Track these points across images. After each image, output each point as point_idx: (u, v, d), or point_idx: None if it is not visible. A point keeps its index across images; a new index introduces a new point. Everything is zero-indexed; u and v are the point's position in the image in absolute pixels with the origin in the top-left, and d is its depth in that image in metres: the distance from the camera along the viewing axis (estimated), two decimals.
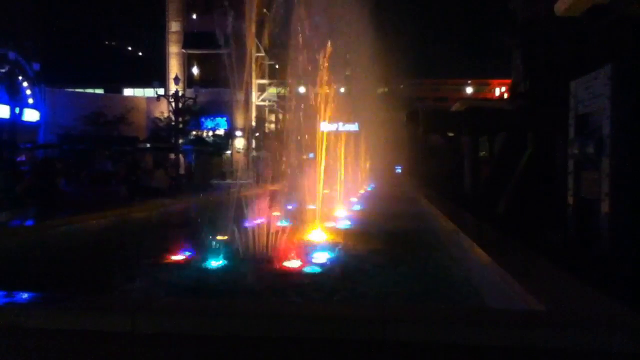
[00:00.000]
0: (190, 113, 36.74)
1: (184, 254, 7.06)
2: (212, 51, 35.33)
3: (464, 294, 5.31)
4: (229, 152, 40.96)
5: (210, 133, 41.88)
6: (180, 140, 33.62)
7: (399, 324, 3.37)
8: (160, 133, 38.23)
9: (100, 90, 48.33)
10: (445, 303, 5.06)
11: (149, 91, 41.20)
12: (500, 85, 48.05)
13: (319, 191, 10.23)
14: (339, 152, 15.22)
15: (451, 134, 23.66)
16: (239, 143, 40.23)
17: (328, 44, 10.97)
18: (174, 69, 42.37)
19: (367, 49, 25.68)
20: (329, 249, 7.60)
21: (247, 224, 7.58)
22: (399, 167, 34.82)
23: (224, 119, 41.69)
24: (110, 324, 3.50)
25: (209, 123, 41.22)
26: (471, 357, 3.13)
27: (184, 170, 31.45)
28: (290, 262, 6.59)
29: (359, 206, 15.36)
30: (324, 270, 6.43)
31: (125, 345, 3.32)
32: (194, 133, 40.12)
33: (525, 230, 8.84)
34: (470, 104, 24.57)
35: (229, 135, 41.51)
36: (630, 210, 7.50)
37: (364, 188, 23.33)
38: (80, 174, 29.53)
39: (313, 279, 5.98)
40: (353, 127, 19.25)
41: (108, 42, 58.57)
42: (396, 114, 30.42)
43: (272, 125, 40.42)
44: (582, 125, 8.74)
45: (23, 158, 27.81)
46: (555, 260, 4.95)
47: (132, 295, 5.30)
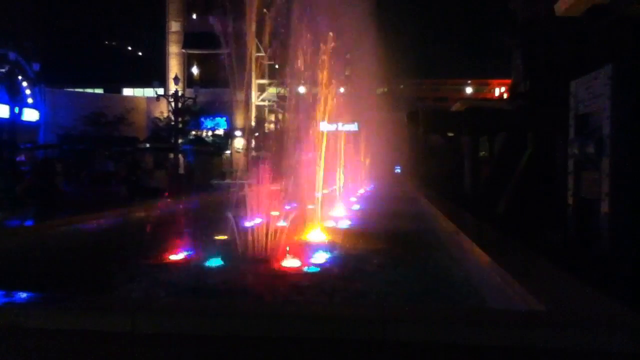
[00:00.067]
0: (190, 113, 36.76)
1: (184, 254, 7.06)
2: (212, 51, 35.41)
3: (464, 294, 5.31)
4: (228, 152, 40.97)
5: (209, 133, 41.88)
6: (180, 140, 33.62)
7: (399, 324, 3.36)
8: (160, 133, 38.24)
9: (100, 90, 48.36)
10: (445, 303, 5.06)
11: (149, 91, 41.21)
12: (500, 86, 48.04)
13: (319, 191, 10.23)
14: (338, 152, 15.22)
15: (451, 134, 23.67)
16: (239, 143, 40.23)
17: (328, 44, 10.98)
18: (174, 69, 42.38)
19: (367, 49, 25.70)
20: (329, 249, 7.60)
21: (247, 224, 7.58)
22: (399, 167, 34.82)
23: (224, 119, 41.69)
24: (110, 324, 3.50)
25: (209, 123, 41.23)
26: (471, 357, 3.13)
27: (183, 170, 31.44)
28: (289, 262, 6.58)
29: (358, 206, 15.37)
30: (324, 270, 6.43)
31: (125, 345, 3.32)
32: (193, 133, 40.12)
33: (525, 230, 8.85)
34: (470, 104, 24.58)
35: (229, 135, 41.53)
36: (630, 210, 7.50)
37: (364, 188, 23.33)
38: (80, 174, 29.57)
39: (312, 279, 5.98)
40: (352, 127, 19.26)
41: (108, 42, 58.59)
42: (396, 114, 30.44)
43: (272, 125, 40.42)
44: (582, 125, 8.75)
45: (23, 158, 27.82)
46: (555, 260, 4.95)
47: (132, 295, 5.30)
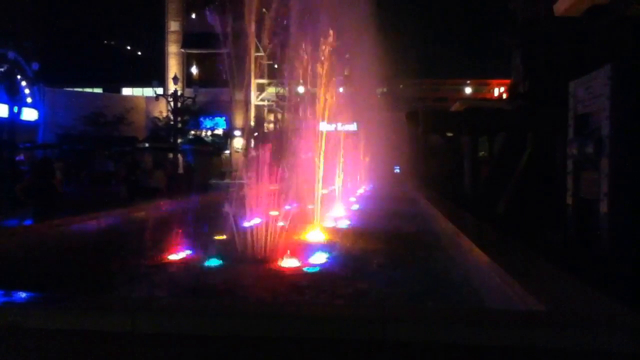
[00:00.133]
0: (189, 113, 36.75)
1: (183, 254, 7.06)
2: (211, 51, 35.44)
3: (464, 295, 5.30)
4: (227, 152, 40.96)
5: (209, 133, 41.87)
6: (179, 140, 33.61)
7: (399, 324, 3.36)
8: (160, 133, 38.23)
9: (99, 90, 48.32)
10: (445, 303, 5.06)
11: (148, 91, 41.19)
12: (499, 86, 48.06)
13: (318, 191, 10.23)
14: (338, 152, 15.21)
15: (451, 134, 23.69)
16: (238, 143, 40.22)
17: (327, 43, 10.97)
18: (173, 68, 42.34)
19: (367, 49, 25.70)
20: (328, 249, 7.60)
21: (246, 224, 7.57)
22: (398, 167, 34.82)
23: (223, 118, 41.69)
24: (110, 324, 3.49)
25: (208, 123, 41.23)
26: (471, 357, 3.13)
27: (183, 170, 31.44)
28: (289, 262, 6.58)
29: (358, 206, 15.36)
30: (323, 270, 6.43)
31: (125, 345, 3.32)
32: (193, 133, 40.11)
33: (525, 230, 8.86)
34: (469, 104, 24.63)
35: (228, 135, 41.52)
36: (630, 210, 7.51)
37: (364, 188, 23.32)
38: (80, 174, 29.56)
39: (312, 279, 5.98)
40: (352, 127, 19.27)
41: (107, 42, 58.56)
42: (396, 114, 30.44)
43: (271, 125, 40.43)
44: (582, 125, 8.76)
45: (22, 158, 27.81)
46: (555, 260, 4.95)
47: (132, 295, 5.30)
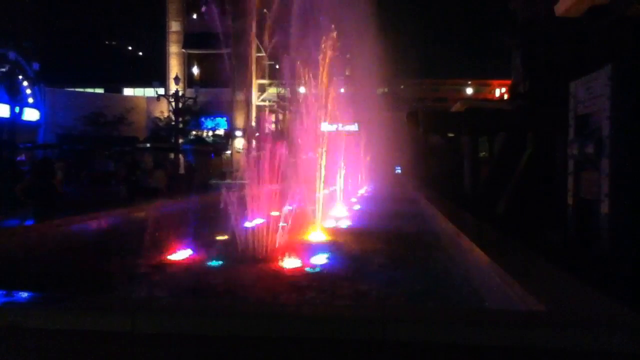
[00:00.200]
0: (190, 113, 36.77)
1: (184, 254, 7.06)
2: (213, 51, 35.50)
3: (464, 295, 5.30)
4: (229, 152, 40.97)
5: (210, 133, 41.88)
6: (180, 140, 33.62)
7: (399, 324, 3.36)
8: (160, 133, 38.25)
9: (100, 90, 48.35)
10: (445, 303, 5.06)
11: (149, 91, 41.20)
12: (500, 86, 48.08)
13: (319, 191, 10.24)
14: (339, 153, 15.21)
15: (451, 135, 23.69)
16: (239, 143, 40.23)
17: (328, 44, 10.99)
18: (174, 68, 42.37)
19: (368, 49, 25.71)
20: (329, 249, 7.60)
21: (247, 224, 7.58)
22: (399, 168, 34.80)
23: (224, 119, 41.71)
24: (110, 324, 3.49)
25: (209, 123, 41.25)
26: (471, 357, 3.13)
27: (183, 170, 31.45)
28: (290, 262, 6.58)
29: (359, 206, 15.36)
30: (324, 270, 6.44)
31: (125, 345, 3.32)
32: (194, 133, 40.13)
33: (525, 230, 8.85)
34: (470, 104, 24.61)
35: (229, 135, 41.53)
36: (630, 210, 7.51)
37: (364, 188, 23.33)
38: (80, 174, 29.59)
39: (313, 279, 5.98)
40: (353, 128, 19.28)
41: (108, 42, 58.62)
42: (396, 114, 30.46)
43: (272, 126, 40.42)
44: (582, 125, 8.75)
45: (23, 158, 27.84)
46: (555, 260, 4.95)
47: (132, 295, 5.30)
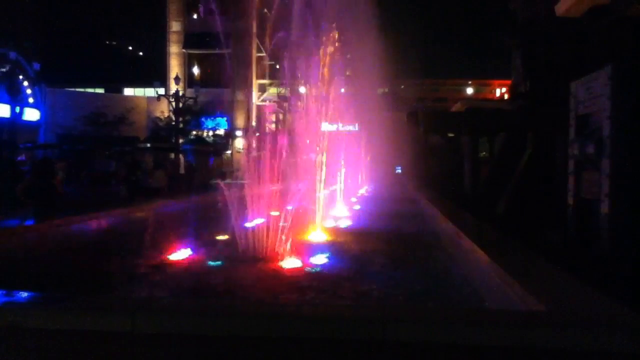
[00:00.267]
0: (190, 113, 36.76)
1: (184, 254, 7.06)
2: (213, 51, 35.46)
3: (464, 295, 5.30)
4: (229, 152, 40.96)
5: (210, 133, 41.88)
6: (181, 140, 33.61)
7: (399, 324, 3.36)
8: (161, 133, 38.24)
9: (100, 90, 48.34)
10: (445, 303, 5.06)
11: (150, 91, 41.19)
12: (500, 86, 48.03)
13: (319, 191, 10.23)
14: (339, 153, 15.22)
15: (451, 135, 23.70)
16: (239, 143, 40.23)
17: (329, 45, 10.99)
18: (175, 68, 42.36)
19: (368, 49, 25.70)
20: (329, 249, 7.60)
21: (247, 224, 7.58)
22: (399, 168, 34.80)
23: (224, 119, 41.69)
24: (110, 324, 3.49)
25: (210, 123, 41.22)
26: (471, 357, 3.13)
27: (184, 170, 31.45)
28: (290, 262, 6.58)
29: (359, 206, 15.36)
30: (324, 270, 6.43)
31: (125, 345, 3.32)
32: (194, 133, 40.12)
33: (525, 230, 8.85)
34: (470, 104, 24.62)
35: (229, 135, 41.52)
36: (630, 210, 7.51)
37: (365, 188, 23.32)
38: (80, 174, 29.60)
39: (313, 279, 5.98)
40: (353, 128, 19.28)
41: (108, 42, 58.64)
42: (397, 114, 30.45)
43: (273, 125, 40.38)
44: (582, 125, 8.75)
45: (23, 158, 27.85)
46: (555, 260, 4.95)
47: (132, 295, 5.30)
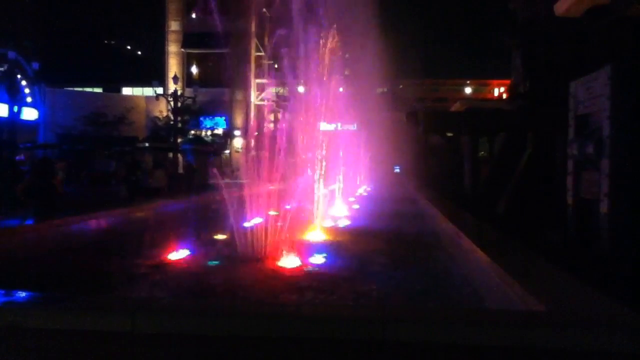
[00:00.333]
0: (189, 112, 36.72)
1: (183, 254, 7.06)
2: (212, 50, 35.40)
3: (464, 294, 5.31)
4: (227, 152, 40.93)
5: (209, 132, 41.85)
6: (180, 140, 33.57)
7: (399, 324, 3.36)
8: (160, 132, 38.19)
9: (99, 90, 48.28)
10: (445, 303, 5.06)
11: (148, 90, 41.12)
12: (499, 86, 48.08)
13: (318, 191, 10.24)
14: (338, 152, 15.22)
15: (451, 134, 23.69)
16: (238, 142, 40.21)
17: (328, 44, 10.99)
18: (173, 68, 42.30)
19: (367, 49, 25.71)
20: (328, 248, 7.60)
21: (246, 224, 7.57)
22: (398, 167, 34.85)
23: (223, 118, 41.67)
24: (110, 324, 3.49)
25: (208, 122, 41.21)
26: (471, 357, 3.13)
27: (183, 169, 31.43)
28: (289, 262, 6.58)
29: (358, 205, 15.36)
30: (324, 269, 6.43)
31: (125, 345, 3.32)
32: (193, 132, 40.09)
33: (525, 230, 8.86)
34: (470, 104, 24.62)
35: (228, 134, 41.50)
36: (630, 210, 7.51)
37: (364, 188, 23.32)
38: (80, 174, 29.56)
39: (312, 279, 5.98)
40: (351, 127, 19.28)
41: (107, 42, 58.54)
42: (396, 114, 30.47)
43: (271, 125, 40.36)
44: (582, 125, 8.76)
45: (23, 157, 27.79)
46: (555, 260, 4.95)
47: (132, 295, 5.30)
